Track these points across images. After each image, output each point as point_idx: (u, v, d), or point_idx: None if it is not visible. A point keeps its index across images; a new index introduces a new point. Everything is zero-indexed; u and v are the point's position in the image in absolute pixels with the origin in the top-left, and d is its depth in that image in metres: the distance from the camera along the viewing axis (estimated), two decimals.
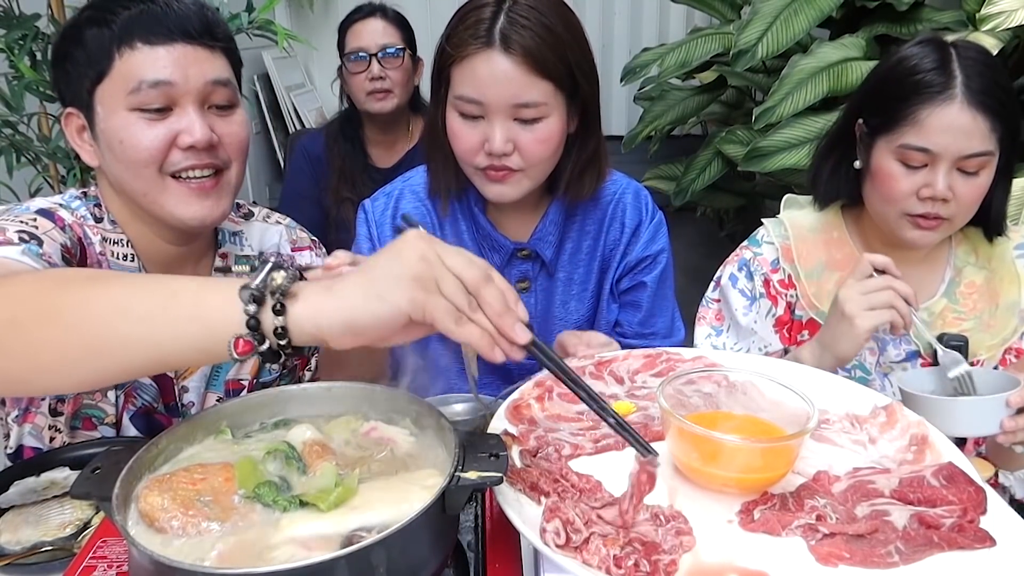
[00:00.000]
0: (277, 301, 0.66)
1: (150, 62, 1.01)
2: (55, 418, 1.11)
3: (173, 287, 0.70)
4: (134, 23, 1.01)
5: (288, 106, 3.82)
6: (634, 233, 1.33)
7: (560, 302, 1.34)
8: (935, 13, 2.68)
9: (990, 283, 1.26)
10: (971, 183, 1.15)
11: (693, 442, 0.79)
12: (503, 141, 1.14)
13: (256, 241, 1.28)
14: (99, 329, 0.68)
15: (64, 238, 1.03)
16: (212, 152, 1.06)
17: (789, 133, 2.49)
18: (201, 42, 1.04)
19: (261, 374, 1.26)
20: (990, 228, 1.26)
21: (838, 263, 1.29)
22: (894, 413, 0.91)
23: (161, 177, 1.05)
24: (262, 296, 0.66)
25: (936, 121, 1.13)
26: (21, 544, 0.88)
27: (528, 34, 1.10)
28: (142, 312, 0.68)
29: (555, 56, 1.12)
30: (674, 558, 0.69)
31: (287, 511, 0.69)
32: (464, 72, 1.14)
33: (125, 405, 1.14)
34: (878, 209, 1.23)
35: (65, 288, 0.71)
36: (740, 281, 1.36)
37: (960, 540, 0.71)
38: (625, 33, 4.23)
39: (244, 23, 2.22)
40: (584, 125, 1.23)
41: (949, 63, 1.15)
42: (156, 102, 1.02)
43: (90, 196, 1.13)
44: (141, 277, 0.95)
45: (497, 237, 1.28)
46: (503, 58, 1.10)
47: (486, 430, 0.86)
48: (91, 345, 0.68)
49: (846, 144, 1.28)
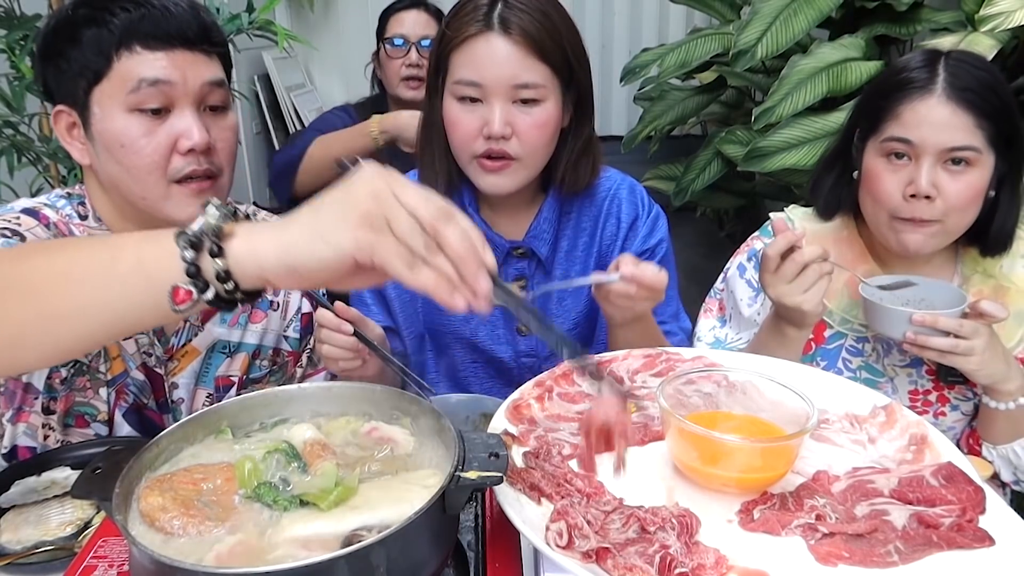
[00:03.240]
0: (212, 243, 0.62)
1: (149, 63, 1.02)
2: (48, 416, 1.11)
3: (117, 243, 0.67)
4: (134, 27, 1.02)
5: (288, 106, 3.82)
6: (631, 227, 1.33)
7: (557, 300, 1.34)
8: (934, 13, 2.67)
9: (997, 292, 1.25)
10: (958, 181, 1.14)
11: (693, 442, 0.79)
12: (502, 123, 1.15)
13: None
14: (51, 297, 0.66)
15: (48, 235, 1.03)
16: (208, 157, 1.07)
17: (789, 133, 2.49)
18: (199, 47, 1.06)
19: (251, 370, 1.26)
20: (989, 245, 1.23)
21: (848, 261, 1.29)
22: (893, 413, 0.91)
23: (166, 184, 1.06)
24: (199, 241, 0.63)
25: (914, 114, 1.14)
26: (22, 544, 0.88)
27: (527, 18, 1.13)
28: (88, 274, 0.65)
29: (552, 41, 1.15)
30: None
31: (287, 511, 0.70)
32: (463, 55, 1.15)
33: (117, 402, 1.14)
34: (871, 215, 1.23)
35: (17, 260, 0.69)
36: (748, 271, 1.36)
37: (959, 540, 0.71)
38: (625, 33, 4.22)
39: (244, 23, 2.22)
40: (578, 117, 1.24)
41: (935, 64, 1.16)
42: (155, 102, 1.03)
43: (74, 195, 1.14)
44: (90, 240, 0.93)
45: (492, 236, 1.28)
46: (502, 40, 1.13)
47: (486, 430, 0.87)
48: (46, 313, 0.66)
49: (847, 156, 1.28)
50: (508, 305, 0.68)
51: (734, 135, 2.88)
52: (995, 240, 1.22)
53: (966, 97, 1.12)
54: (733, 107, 3.45)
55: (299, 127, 3.77)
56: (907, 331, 1.11)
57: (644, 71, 3.17)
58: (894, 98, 1.17)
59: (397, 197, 0.60)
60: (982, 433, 1.23)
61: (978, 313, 1.11)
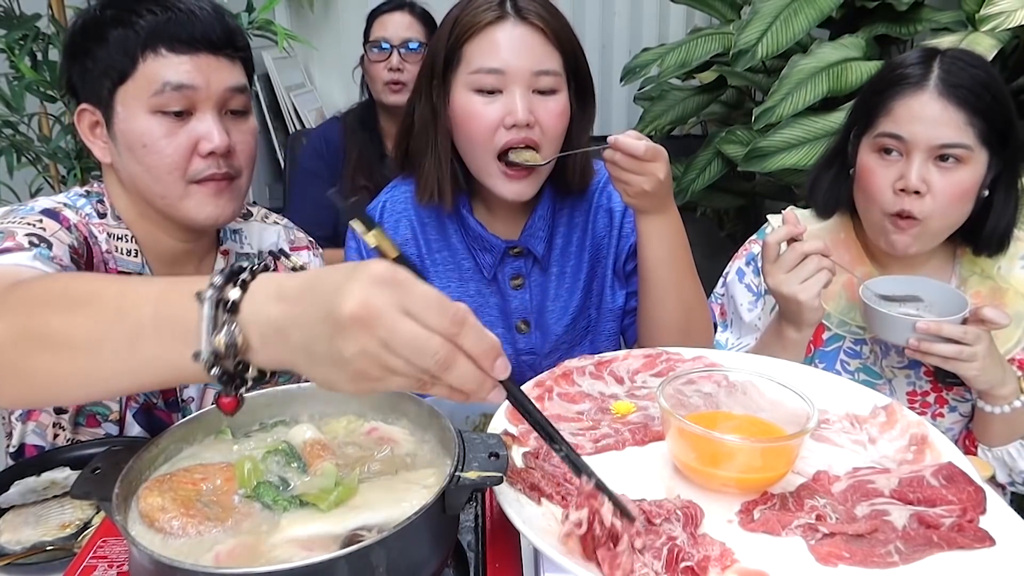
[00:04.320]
0: (234, 362, 0.59)
1: (173, 67, 1.03)
2: (59, 415, 1.12)
3: (137, 327, 0.63)
4: (160, 29, 1.02)
5: (288, 106, 3.82)
6: (624, 217, 1.33)
7: (553, 296, 1.34)
8: (935, 13, 2.67)
9: (995, 294, 1.25)
10: (947, 178, 1.14)
11: (693, 442, 0.79)
12: (525, 110, 1.13)
13: (255, 240, 1.29)
14: (83, 362, 0.64)
15: (71, 239, 1.03)
16: (228, 159, 1.08)
17: (789, 133, 2.49)
18: (224, 52, 1.07)
19: None
20: (982, 244, 1.22)
21: (846, 263, 1.28)
22: (894, 413, 0.91)
23: (185, 185, 1.07)
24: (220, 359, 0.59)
25: (906, 110, 1.15)
26: (21, 544, 0.88)
27: (540, 6, 1.15)
28: (109, 352, 0.63)
29: (565, 30, 1.17)
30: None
31: (287, 511, 0.69)
32: (481, 44, 1.15)
33: (128, 402, 1.15)
34: (864, 213, 1.24)
35: (53, 311, 0.66)
36: (747, 276, 1.36)
37: (960, 540, 0.71)
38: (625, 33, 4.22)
39: (244, 23, 2.22)
40: (582, 114, 1.25)
41: (931, 61, 1.16)
42: (177, 105, 1.04)
43: (93, 193, 1.14)
44: (116, 303, 0.76)
45: (488, 237, 1.29)
46: (521, 26, 1.14)
47: (486, 430, 0.86)
48: (81, 373, 0.65)
49: (845, 156, 1.28)
50: (516, 406, 0.67)
51: (734, 135, 2.88)
52: (988, 239, 1.21)
53: (958, 94, 1.12)
54: (733, 107, 3.45)
55: (299, 127, 3.77)
56: (910, 338, 1.11)
57: (644, 71, 3.17)
58: (888, 93, 1.18)
59: (390, 347, 0.55)
60: (978, 436, 1.23)
61: (978, 319, 1.11)
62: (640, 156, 1.09)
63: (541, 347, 1.35)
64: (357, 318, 0.54)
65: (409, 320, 0.55)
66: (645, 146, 1.09)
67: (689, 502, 0.75)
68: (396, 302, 0.55)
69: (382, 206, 1.35)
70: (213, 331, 0.59)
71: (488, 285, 1.33)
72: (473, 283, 1.33)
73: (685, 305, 1.23)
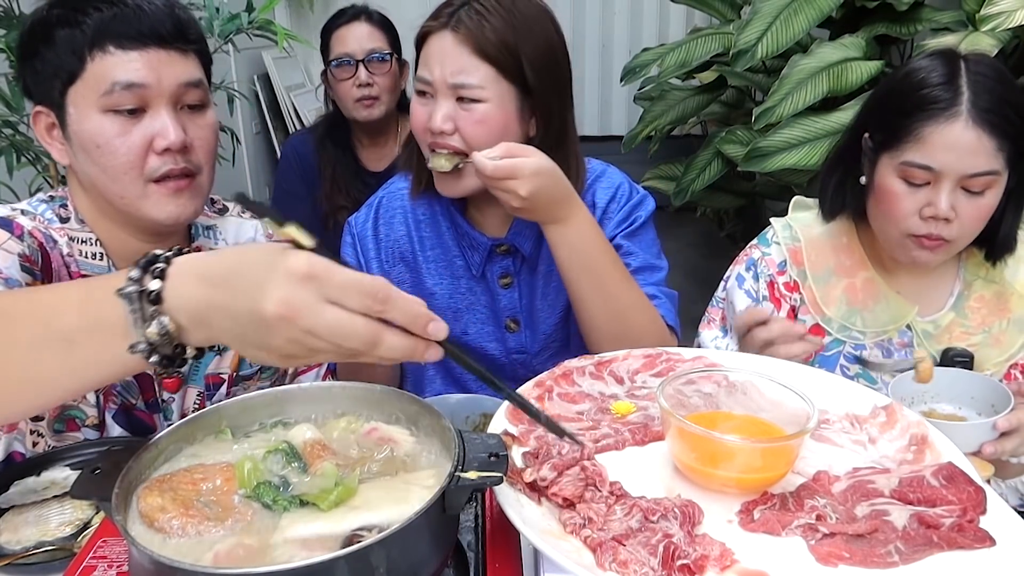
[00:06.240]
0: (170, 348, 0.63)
1: (122, 65, 1.01)
2: (36, 423, 1.09)
3: (66, 333, 0.64)
4: (106, 26, 1.01)
5: (288, 106, 3.82)
6: (605, 212, 1.32)
7: (542, 294, 1.34)
8: (935, 13, 2.68)
9: (1000, 297, 1.24)
10: (975, 203, 1.12)
11: (693, 442, 0.79)
12: (442, 118, 1.18)
13: (231, 236, 1.28)
14: (18, 369, 0.65)
15: (22, 247, 1.02)
16: (186, 155, 1.07)
17: (789, 133, 2.49)
18: (174, 46, 1.05)
19: (241, 367, 1.25)
20: (994, 251, 1.22)
21: (847, 269, 1.28)
22: (894, 413, 0.91)
23: (143, 184, 1.05)
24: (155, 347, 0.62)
25: (939, 139, 1.10)
26: (21, 544, 0.88)
27: (479, 20, 1.16)
28: (48, 353, 0.64)
29: (499, 42, 1.16)
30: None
31: (287, 511, 0.69)
32: (423, 51, 1.21)
33: (106, 404, 1.13)
34: (880, 227, 1.22)
35: None
36: (747, 282, 1.35)
37: (960, 540, 0.71)
38: (625, 33, 4.23)
39: (244, 23, 2.22)
40: (547, 131, 1.23)
41: (956, 78, 1.11)
42: (129, 103, 1.02)
43: (57, 197, 1.13)
44: (37, 313, 0.75)
45: (475, 235, 1.30)
46: (449, 37, 1.16)
47: (486, 430, 0.86)
48: (16, 380, 0.66)
49: (852, 158, 1.25)
50: (458, 363, 0.68)
51: (734, 135, 2.88)
52: (1000, 246, 1.21)
53: (990, 120, 1.09)
54: (733, 107, 3.45)
55: (299, 127, 3.77)
56: (985, 444, 1.02)
57: (644, 71, 3.18)
58: (916, 119, 1.12)
59: (315, 333, 0.58)
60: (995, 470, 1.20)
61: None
62: (489, 175, 1.10)
63: (531, 346, 1.35)
64: (280, 316, 0.57)
65: (332, 307, 0.58)
66: (493, 167, 1.09)
67: (689, 502, 0.75)
68: (316, 293, 0.58)
69: (378, 202, 1.36)
70: (143, 324, 0.61)
71: (478, 283, 1.33)
72: (464, 280, 1.33)
73: (614, 311, 1.20)
